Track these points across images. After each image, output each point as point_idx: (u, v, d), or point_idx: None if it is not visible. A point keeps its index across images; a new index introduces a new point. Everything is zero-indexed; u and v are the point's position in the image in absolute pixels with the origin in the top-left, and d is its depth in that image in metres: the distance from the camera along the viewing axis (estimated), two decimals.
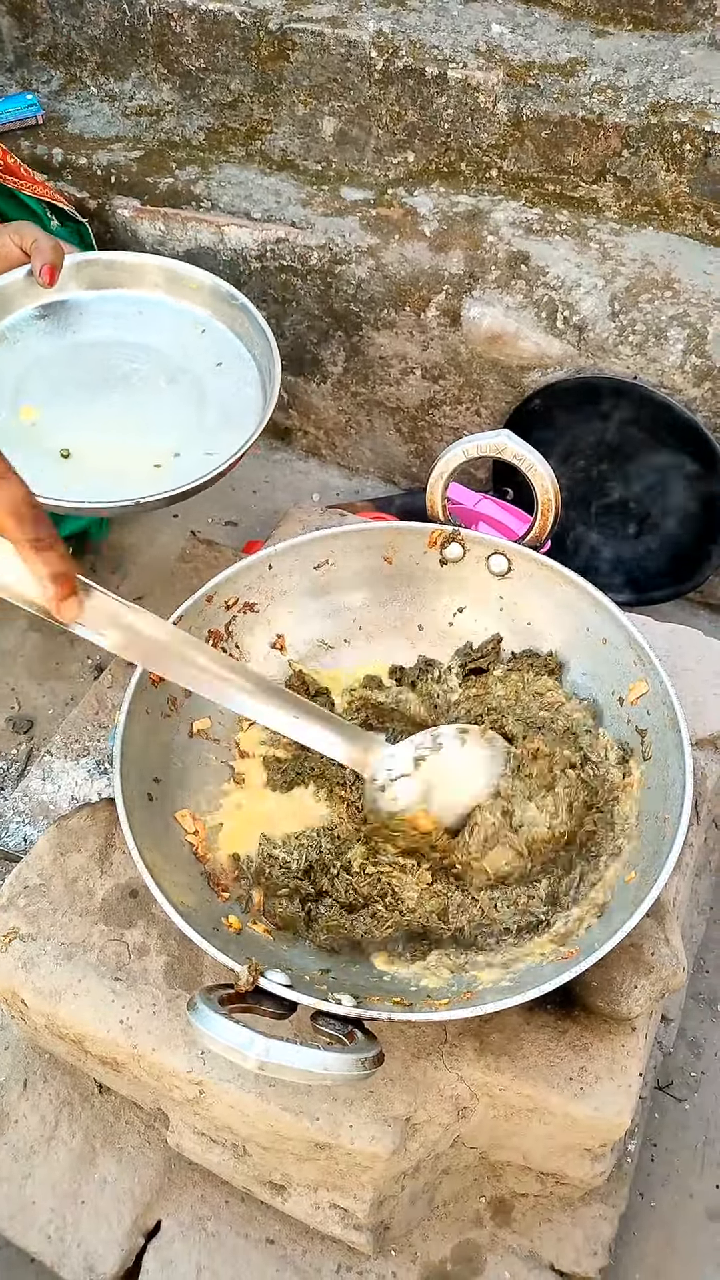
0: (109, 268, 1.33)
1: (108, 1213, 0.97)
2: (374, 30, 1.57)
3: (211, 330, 1.30)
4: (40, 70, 1.86)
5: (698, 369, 1.41)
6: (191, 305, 1.32)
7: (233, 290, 1.30)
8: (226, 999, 0.71)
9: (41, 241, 1.23)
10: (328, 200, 1.64)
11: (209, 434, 1.18)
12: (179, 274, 1.32)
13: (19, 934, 0.91)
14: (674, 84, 1.49)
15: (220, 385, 1.24)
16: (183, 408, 1.21)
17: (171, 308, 1.32)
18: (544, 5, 1.62)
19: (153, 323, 1.31)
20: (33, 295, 1.28)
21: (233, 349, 1.29)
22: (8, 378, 1.22)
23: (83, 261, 1.31)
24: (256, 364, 1.27)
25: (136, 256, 1.35)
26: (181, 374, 1.25)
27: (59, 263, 1.24)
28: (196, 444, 1.17)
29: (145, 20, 1.69)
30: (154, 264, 1.33)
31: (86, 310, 1.31)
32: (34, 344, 1.27)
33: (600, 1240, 0.95)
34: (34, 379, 1.22)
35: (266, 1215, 0.96)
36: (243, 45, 1.64)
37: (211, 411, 1.21)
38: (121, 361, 1.26)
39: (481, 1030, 0.86)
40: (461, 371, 1.59)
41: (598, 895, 0.85)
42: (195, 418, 1.20)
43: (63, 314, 1.30)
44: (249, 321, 1.28)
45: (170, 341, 1.29)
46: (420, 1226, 0.95)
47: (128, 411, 1.20)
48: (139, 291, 1.33)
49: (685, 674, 1.10)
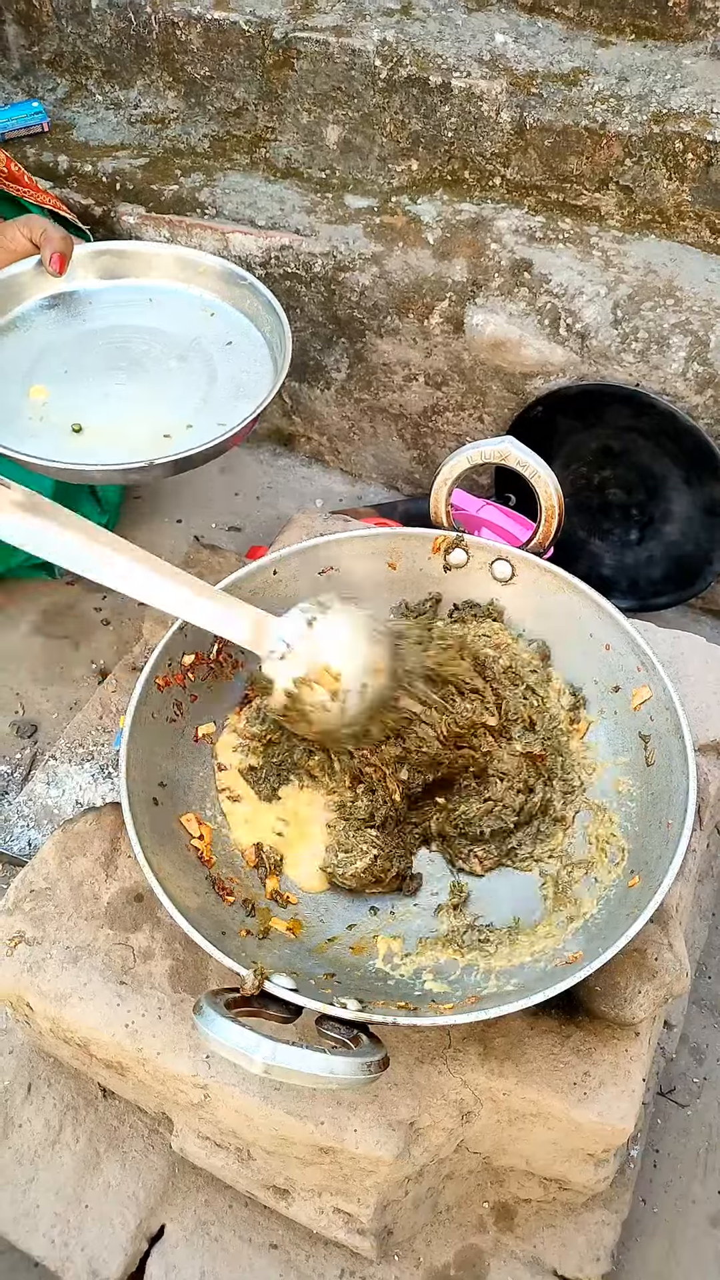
0: (120, 257, 1.34)
1: (111, 1217, 0.97)
2: (378, 39, 1.58)
3: (221, 313, 1.32)
4: (46, 78, 1.87)
5: (700, 376, 1.42)
6: (201, 290, 1.34)
7: (240, 270, 1.31)
8: (232, 1003, 0.71)
9: (50, 232, 1.24)
10: (332, 208, 1.65)
11: (220, 407, 1.19)
12: (188, 260, 1.34)
13: (25, 938, 0.92)
14: (676, 93, 1.49)
15: (231, 362, 1.26)
16: (193, 384, 1.23)
17: (181, 294, 1.34)
18: (547, 15, 1.63)
19: (163, 309, 1.32)
20: (43, 285, 1.30)
21: (242, 328, 1.30)
22: (19, 363, 1.23)
23: (95, 251, 1.33)
24: (266, 340, 1.28)
25: (147, 245, 1.36)
26: (191, 354, 1.26)
27: (68, 252, 1.25)
28: (208, 416, 1.18)
29: (151, 29, 1.70)
30: (164, 252, 1.35)
31: (96, 299, 1.32)
32: (44, 332, 1.28)
33: (603, 1246, 0.95)
34: (45, 363, 1.23)
35: (270, 1220, 0.96)
36: (248, 54, 1.65)
37: (223, 386, 1.23)
38: (132, 345, 1.27)
39: (485, 1035, 0.86)
40: (464, 378, 1.60)
41: (567, 844, 0.91)
42: (206, 392, 1.22)
43: (73, 303, 1.31)
44: (257, 300, 1.29)
45: (180, 326, 1.30)
46: (424, 1231, 0.95)
47: (138, 389, 1.22)
48: (148, 280, 1.35)
49: (688, 680, 1.10)
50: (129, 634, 1.55)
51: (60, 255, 1.24)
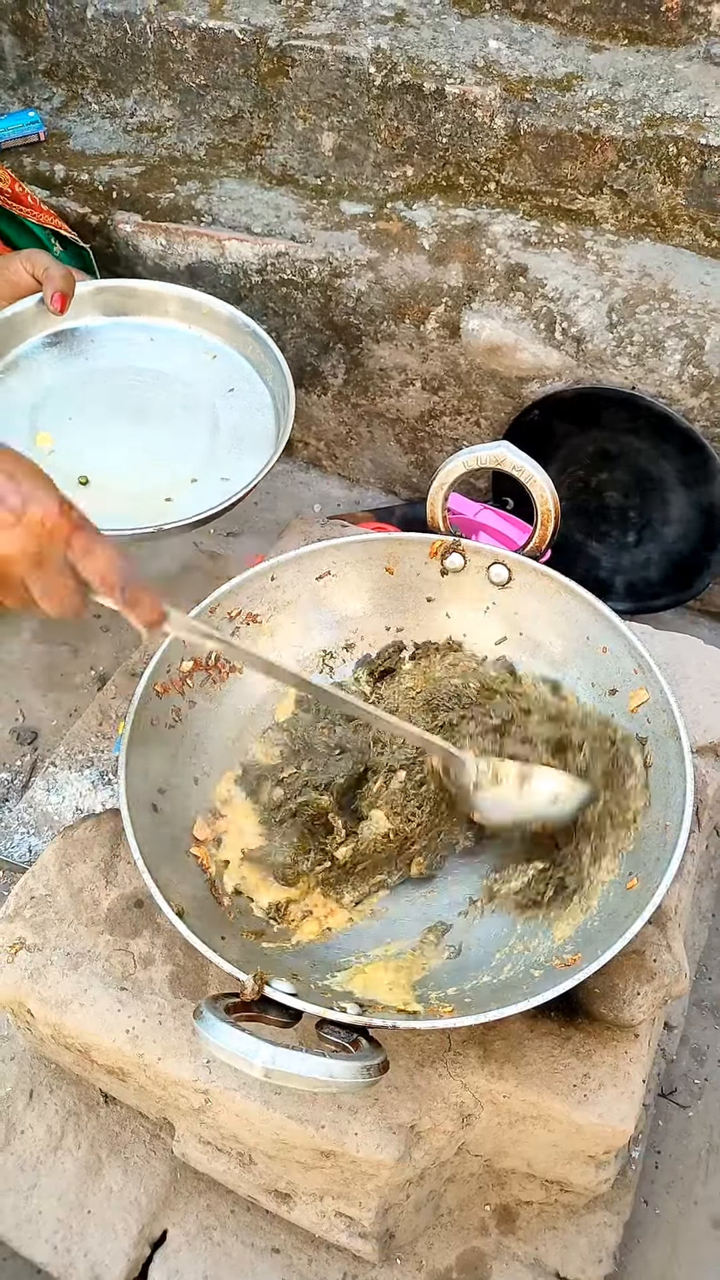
0: (122, 294, 1.34)
1: (114, 1223, 0.97)
2: (372, 47, 1.59)
3: (223, 356, 1.32)
4: (42, 88, 1.88)
5: (695, 379, 1.42)
6: (203, 332, 1.34)
7: (244, 318, 1.31)
8: (232, 1008, 0.71)
9: (53, 270, 1.24)
10: (327, 214, 1.65)
11: (223, 460, 1.20)
12: (193, 301, 1.34)
13: (25, 944, 0.92)
14: (669, 98, 1.50)
15: (232, 411, 1.26)
16: (197, 434, 1.23)
17: (183, 334, 1.34)
18: (540, 21, 1.63)
19: (164, 349, 1.32)
20: (44, 323, 1.29)
21: (244, 374, 1.30)
22: (22, 405, 1.23)
23: (98, 288, 1.33)
24: (269, 389, 1.28)
25: (151, 284, 1.36)
26: (194, 400, 1.26)
27: (70, 291, 1.24)
28: (212, 470, 1.18)
29: (146, 38, 1.71)
30: (169, 292, 1.35)
31: (98, 337, 1.32)
32: (46, 371, 1.28)
33: (605, 1248, 0.96)
34: (48, 406, 1.23)
35: (272, 1224, 0.97)
36: (242, 62, 1.66)
37: (225, 437, 1.23)
38: (134, 388, 1.27)
39: (485, 1038, 0.86)
40: (461, 383, 1.61)
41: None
42: (209, 444, 1.22)
43: (74, 341, 1.31)
44: (260, 348, 1.29)
45: (182, 368, 1.30)
46: (425, 1235, 0.95)
47: (143, 438, 1.22)
48: (150, 319, 1.34)
49: (685, 682, 1.11)
50: (128, 640, 1.56)
51: (62, 294, 1.23)
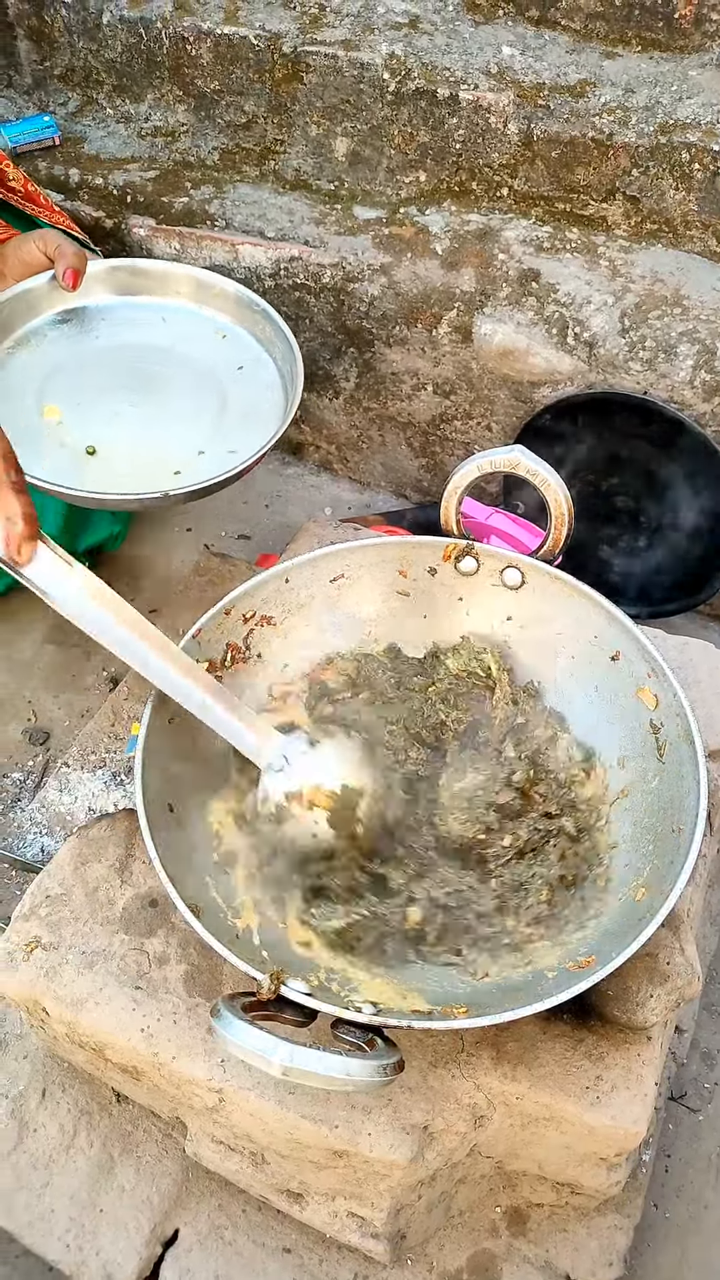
0: (134, 274, 1.35)
1: (126, 1221, 0.98)
2: (386, 53, 1.60)
3: (233, 335, 1.33)
4: (57, 92, 1.89)
5: (707, 384, 1.43)
6: (213, 312, 1.35)
7: (254, 297, 1.32)
8: (248, 1007, 0.72)
9: (65, 247, 1.25)
10: (340, 219, 1.66)
11: (231, 434, 1.20)
12: (204, 282, 1.34)
13: (41, 943, 0.92)
14: (682, 104, 1.51)
15: (241, 388, 1.26)
16: (205, 409, 1.23)
17: (193, 314, 1.35)
18: (554, 28, 1.64)
19: (174, 329, 1.33)
20: (56, 300, 1.30)
21: (253, 353, 1.31)
22: (31, 379, 1.24)
23: (110, 267, 1.34)
24: (277, 368, 1.29)
25: (162, 264, 1.37)
26: (203, 377, 1.27)
27: (82, 268, 1.25)
28: (219, 443, 1.19)
29: (161, 44, 1.72)
30: (180, 272, 1.35)
31: (109, 316, 1.33)
32: (57, 347, 1.28)
33: (615, 1251, 0.96)
34: (57, 381, 1.24)
35: (284, 1224, 0.97)
36: (257, 68, 1.67)
37: (233, 413, 1.23)
38: (143, 365, 1.27)
39: (498, 1039, 0.87)
40: (473, 387, 1.61)
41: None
42: (217, 419, 1.22)
43: (85, 319, 1.32)
44: (270, 327, 1.30)
45: (192, 346, 1.31)
46: (436, 1236, 0.96)
47: (151, 412, 1.22)
48: (161, 298, 1.35)
49: (697, 686, 1.11)
50: None
51: (74, 270, 1.24)
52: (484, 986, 0.84)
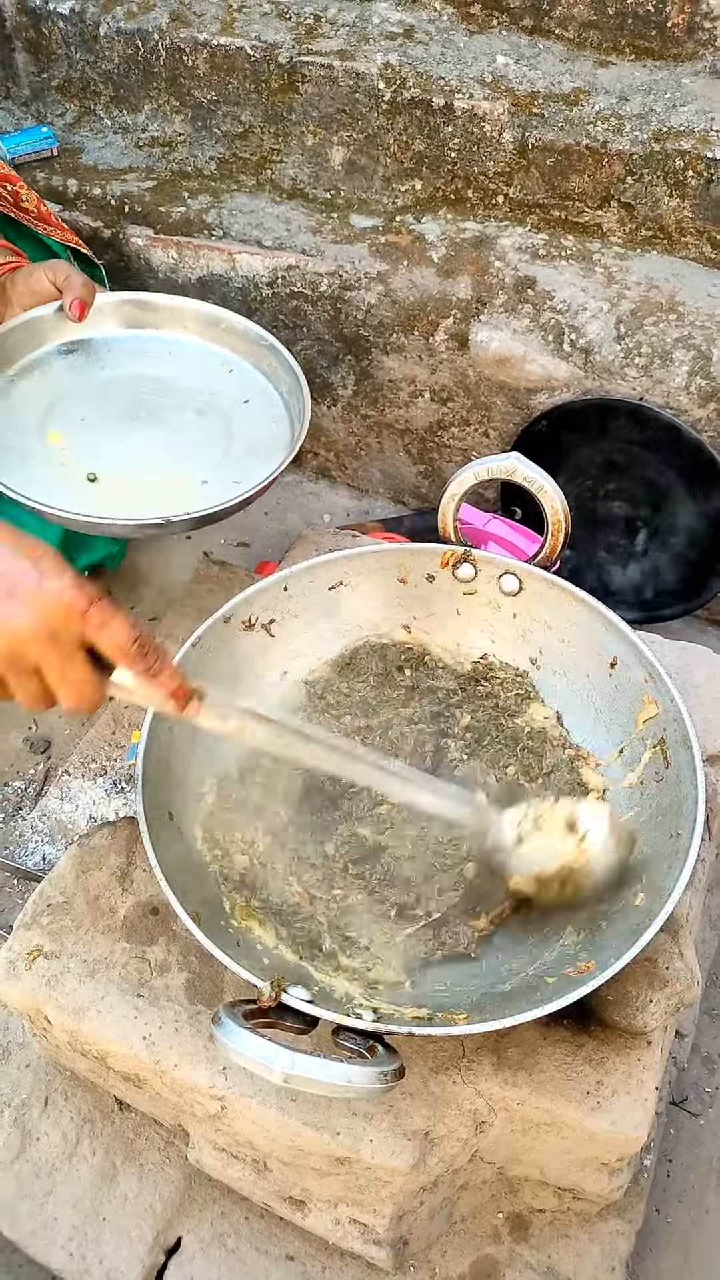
0: (142, 308, 1.35)
1: (129, 1229, 0.98)
2: (382, 63, 1.61)
3: (239, 370, 1.33)
4: (55, 103, 1.90)
5: (703, 390, 1.43)
6: (220, 346, 1.35)
7: (261, 331, 1.32)
8: (249, 1014, 0.72)
9: (74, 278, 1.25)
10: (337, 228, 1.67)
11: (235, 465, 1.20)
12: (211, 316, 1.35)
13: (43, 951, 0.93)
14: (676, 112, 1.51)
15: (247, 421, 1.27)
16: (209, 440, 1.24)
17: (199, 348, 1.35)
18: (548, 36, 1.65)
19: (180, 362, 1.33)
20: (62, 330, 1.30)
21: (259, 387, 1.31)
22: (36, 406, 1.24)
23: (119, 301, 1.34)
24: (283, 401, 1.29)
25: (171, 299, 1.37)
26: (209, 409, 1.27)
27: (89, 299, 1.26)
28: (223, 473, 1.19)
29: (158, 55, 1.73)
30: (189, 307, 1.36)
31: (115, 347, 1.33)
32: (62, 377, 1.29)
33: (617, 1256, 0.96)
34: (62, 409, 1.24)
35: (286, 1231, 0.97)
36: (253, 78, 1.68)
37: (238, 445, 1.23)
38: (148, 396, 1.28)
39: (499, 1045, 0.87)
40: (470, 394, 1.62)
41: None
42: (222, 449, 1.22)
43: (91, 350, 1.32)
44: (276, 361, 1.30)
45: (198, 380, 1.31)
46: (439, 1242, 0.96)
47: (155, 441, 1.23)
48: (168, 331, 1.35)
49: (695, 691, 1.11)
50: None
51: (81, 302, 1.25)
52: (485, 991, 0.84)
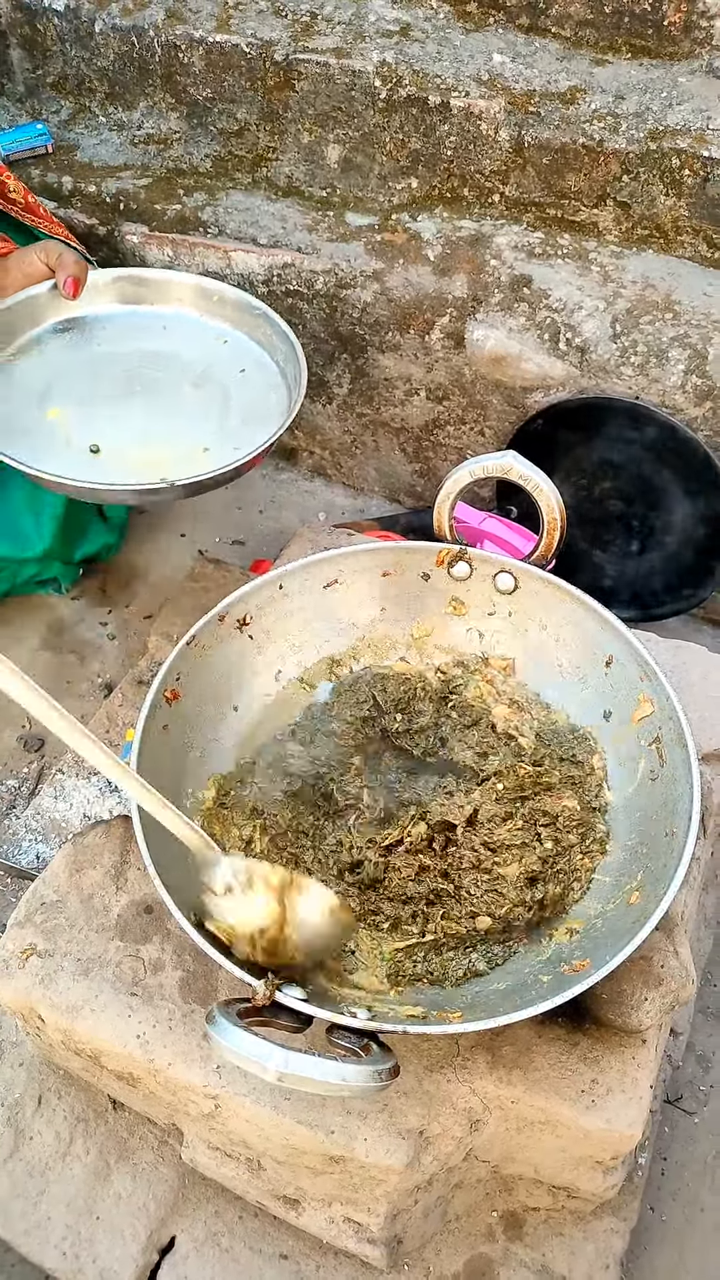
0: (136, 284, 1.36)
1: (122, 1229, 0.98)
2: (378, 60, 1.60)
3: (234, 341, 1.34)
4: (50, 100, 1.89)
5: (698, 389, 1.43)
6: (214, 318, 1.36)
7: (254, 301, 1.33)
8: (244, 1013, 0.72)
9: (66, 256, 1.26)
10: (333, 226, 1.67)
11: (235, 432, 1.22)
12: (204, 289, 1.36)
13: (36, 950, 0.92)
14: (672, 111, 1.51)
15: (244, 390, 1.28)
16: (208, 410, 1.25)
17: (194, 321, 1.36)
18: (544, 35, 1.65)
19: (176, 336, 1.34)
20: (57, 309, 1.32)
21: (255, 357, 1.32)
22: (34, 384, 1.25)
23: (112, 277, 1.35)
24: (279, 369, 1.30)
25: (163, 273, 1.38)
26: (205, 380, 1.28)
27: (83, 277, 1.27)
28: (223, 441, 1.20)
29: (154, 52, 1.72)
30: (180, 280, 1.37)
31: (110, 324, 1.34)
32: (59, 355, 1.30)
33: (612, 1254, 0.96)
34: (61, 385, 1.25)
35: (280, 1230, 0.97)
36: (249, 75, 1.67)
37: (236, 414, 1.25)
38: (147, 371, 1.29)
39: (493, 1043, 0.87)
40: (465, 393, 1.62)
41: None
42: (221, 419, 1.24)
43: (87, 327, 1.33)
44: (271, 329, 1.31)
45: (194, 353, 1.32)
46: (433, 1241, 0.96)
47: (154, 413, 1.24)
48: (162, 307, 1.37)
49: (690, 689, 1.11)
50: (134, 649, 1.57)
51: (74, 280, 1.26)
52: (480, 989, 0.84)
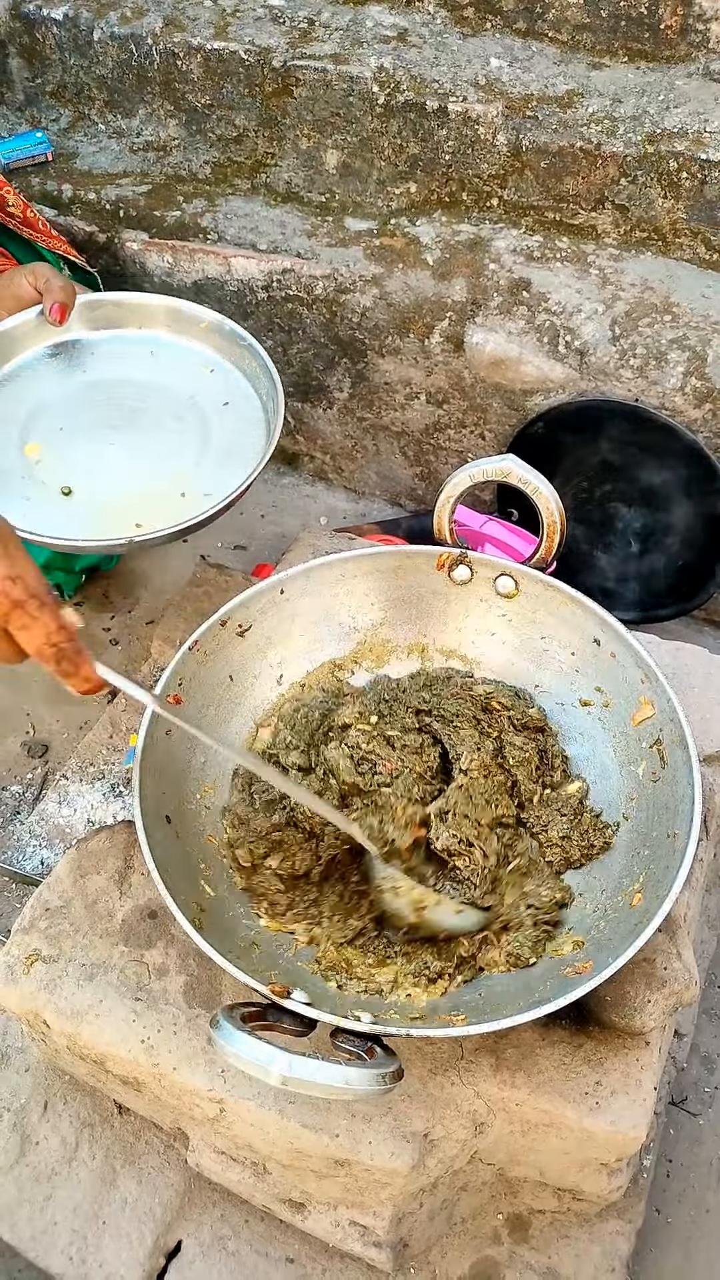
0: (118, 307, 1.33)
1: (129, 1233, 0.98)
2: (375, 66, 1.61)
3: (220, 370, 1.31)
4: (49, 109, 1.90)
5: (698, 391, 1.44)
6: (201, 345, 1.33)
7: (239, 330, 1.30)
8: (247, 1017, 0.72)
9: (53, 281, 1.24)
10: (332, 231, 1.67)
11: (211, 474, 1.19)
12: (185, 313, 1.33)
13: (41, 955, 0.93)
14: (669, 114, 1.52)
15: (226, 424, 1.25)
16: (187, 446, 1.22)
17: (181, 348, 1.33)
18: (541, 39, 1.66)
19: (163, 362, 1.32)
20: (44, 335, 1.29)
21: (240, 388, 1.29)
22: (16, 416, 1.23)
23: (92, 301, 1.32)
24: (262, 403, 1.27)
25: (143, 296, 1.35)
26: (188, 413, 1.26)
27: (70, 302, 1.25)
28: (199, 483, 1.17)
29: (152, 59, 1.73)
30: (160, 304, 1.34)
31: (98, 350, 1.32)
32: (44, 383, 1.28)
33: (618, 1256, 0.96)
34: (42, 417, 1.23)
35: (286, 1234, 0.97)
36: (247, 82, 1.68)
37: (215, 451, 1.22)
38: (129, 401, 1.27)
39: (497, 1046, 0.87)
40: (465, 396, 1.62)
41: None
42: (198, 456, 1.21)
43: (74, 353, 1.31)
44: (255, 361, 1.29)
45: (179, 381, 1.30)
46: (439, 1244, 0.96)
47: (132, 451, 1.21)
48: (149, 331, 1.34)
49: (691, 691, 1.12)
50: (137, 653, 1.57)
51: (61, 305, 1.24)
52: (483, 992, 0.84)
